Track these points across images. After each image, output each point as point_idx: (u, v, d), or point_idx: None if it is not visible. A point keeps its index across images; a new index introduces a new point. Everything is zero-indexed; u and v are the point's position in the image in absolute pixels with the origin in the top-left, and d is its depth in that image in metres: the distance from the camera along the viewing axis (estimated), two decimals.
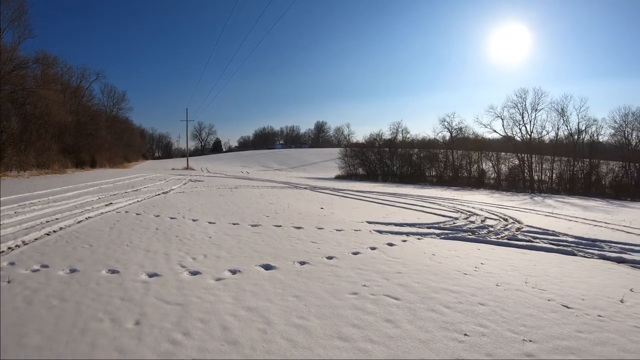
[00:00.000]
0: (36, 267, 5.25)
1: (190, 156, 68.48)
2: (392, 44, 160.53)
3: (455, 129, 51.85)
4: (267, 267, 5.63)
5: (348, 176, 51.36)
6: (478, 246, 8.20)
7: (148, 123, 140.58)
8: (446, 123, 51.88)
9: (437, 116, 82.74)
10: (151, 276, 5.04)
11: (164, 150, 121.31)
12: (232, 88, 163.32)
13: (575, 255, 7.95)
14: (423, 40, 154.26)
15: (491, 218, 12.75)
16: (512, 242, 8.75)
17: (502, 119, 47.27)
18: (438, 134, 53.74)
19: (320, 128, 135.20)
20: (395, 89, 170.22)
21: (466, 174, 48.41)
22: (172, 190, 17.97)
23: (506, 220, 12.45)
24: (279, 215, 11.05)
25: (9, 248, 6.28)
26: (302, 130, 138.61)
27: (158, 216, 9.95)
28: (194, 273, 5.23)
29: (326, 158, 76.24)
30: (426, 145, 53.56)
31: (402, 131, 57.30)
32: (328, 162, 69.19)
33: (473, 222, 11.51)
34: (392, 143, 54.35)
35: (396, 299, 4.43)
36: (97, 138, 40.69)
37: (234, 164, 73.21)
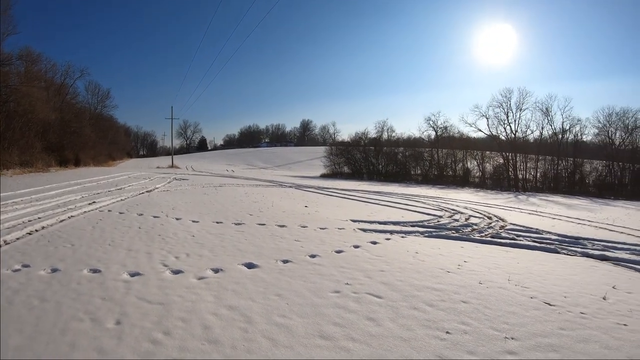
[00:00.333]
0: (17, 267, 5.15)
1: (175, 154, 67.79)
2: (378, 43, 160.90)
3: (440, 128, 52.43)
4: (250, 266, 5.60)
5: (333, 175, 51.52)
6: (462, 244, 8.26)
7: (133, 121, 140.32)
8: (431, 122, 52.45)
9: (423, 115, 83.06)
10: (133, 275, 4.98)
11: (149, 148, 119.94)
12: (218, 86, 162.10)
13: (558, 252, 8.06)
14: (409, 39, 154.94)
15: (475, 216, 12.87)
16: (496, 240, 8.83)
17: (487, 118, 47.88)
18: (423, 133, 54.40)
19: (305, 126, 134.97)
20: (381, 88, 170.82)
21: (451, 173, 48.91)
22: (157, 188, 17.78)
23: (490, 218, 12.57)
24: (263, 213, 11.01)
25: None
26: (288, 128, 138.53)
27: (141, 215, 9.84)
28: (176, 272, 5.18)
29: (312, 156, 76.15)
30: (411, 144, 54.11)
31: (388, 130, 57.78)
32: (313, 161, 69.20)
33: (457, 221, 11.59)
34: (378, 142, 54.62)
35: (378, 297, 4.43)
36: (82, 136, 39.94)
37: (220, 162, 72.76)
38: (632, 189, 40.76)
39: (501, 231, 10.07)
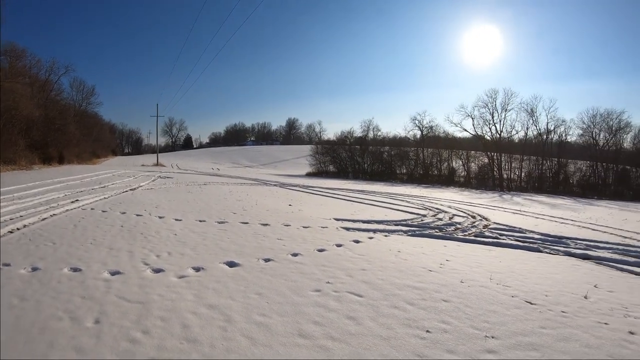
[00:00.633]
0: None
1: (160, 152, 67.27)
2: (365, 43, 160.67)
3: (426, 128, 52.98)
4: (231, 265, 5.58)
5: (319, 173, 51.80)
6: (445, 243, 8.33)
7: (118, 118, 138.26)
8: (417, 121, 52.98)
9: (409, 114, 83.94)
10: (113, 274, 4.92)
11: (134, 146, 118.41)
12: (204, 84, 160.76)
13: (540, 251, 8.17)
14: (395, 39, 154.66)
15: (459, 215, 12.99)
16: (479, 239, 8.93)
17: (473, 118, 48.53)
18: (409, 132, 54.91)
19: (291, 125, 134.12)
20: (367, 87, 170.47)
21: (436, 172, 49.41)
22: (141, 187, 17.59)
23: (474, 217, 12.70)
24: (247, 212, 10.97)
25: None
26: (274, 127, 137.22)
27: (124, 213, 9.73)
28: (157, 271, 5.14)
29: (297, 155, 76.07)
30: (397, 143, 54.53)
31: (374, 129, 58.21)
32: (299, 159, 69.14)
33: (441, 219, 11.69)
34: (363, 140, 55.05)
35: (359, 296, 4.44)
36: (66, 133, 39.31)
37: (205, 161, 72.42)
38: (615, 189, 41.65)
39: (484, 230, 10.18)
